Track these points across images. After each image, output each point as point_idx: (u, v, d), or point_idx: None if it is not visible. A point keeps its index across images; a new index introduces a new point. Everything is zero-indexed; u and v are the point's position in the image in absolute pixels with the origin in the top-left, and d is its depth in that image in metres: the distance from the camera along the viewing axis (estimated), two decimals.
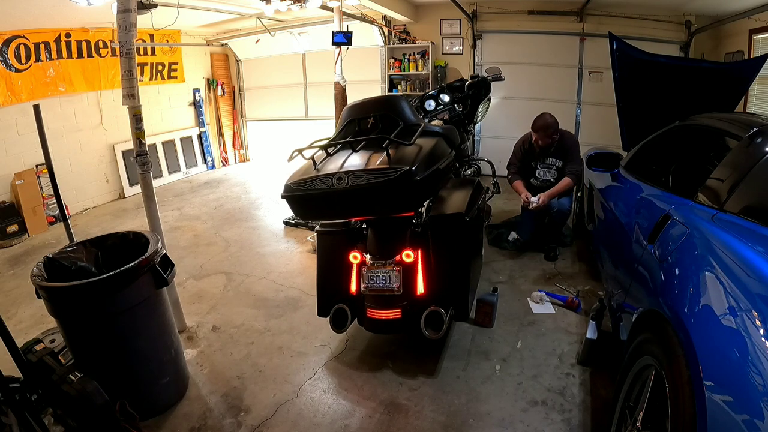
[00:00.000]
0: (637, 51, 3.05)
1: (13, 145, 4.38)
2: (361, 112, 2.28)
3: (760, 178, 1.38)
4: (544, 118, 3.29)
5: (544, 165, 3.46)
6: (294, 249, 3.75)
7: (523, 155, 3.52)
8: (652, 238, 1.62)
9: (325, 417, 1.91)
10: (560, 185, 3.29)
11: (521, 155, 3.52)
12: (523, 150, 3.51)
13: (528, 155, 3.50)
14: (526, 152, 3.50)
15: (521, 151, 3.52)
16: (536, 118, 3.33)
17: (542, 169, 3.48)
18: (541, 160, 3.46)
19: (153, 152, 5.94)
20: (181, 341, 2.26)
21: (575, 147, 3.40)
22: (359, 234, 2.21)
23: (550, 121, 3.27)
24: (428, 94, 3.48)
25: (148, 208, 2.38)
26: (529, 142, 3.46)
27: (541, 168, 3.47)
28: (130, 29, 2.18)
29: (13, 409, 1.46)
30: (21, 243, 4.20)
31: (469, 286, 2.13)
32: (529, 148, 3.47)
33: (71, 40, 4.79)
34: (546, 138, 3.29)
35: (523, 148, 3.51)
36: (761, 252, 1.09)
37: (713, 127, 2.08)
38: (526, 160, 3.52)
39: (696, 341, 1.04)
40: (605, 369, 2.10)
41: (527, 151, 3.50)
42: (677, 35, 4.99)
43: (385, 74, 6.11)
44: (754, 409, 0.85)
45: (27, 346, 1.83)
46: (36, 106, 2.42)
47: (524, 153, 3.51)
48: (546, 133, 3.28)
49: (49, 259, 1.86)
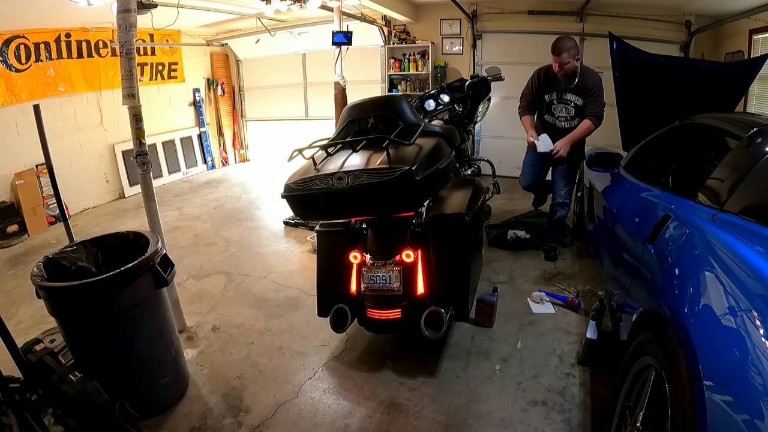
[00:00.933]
0: (637, 51, 3.04)
1: (13, 145, 4.38)
2: (361, 112, 2.28)
3: (760, 178, 1.38)
4: (563, 38, 2.87)
5: (561, 101, 3.02)
6: (294, 249, 3.75)
7: (540, 86, 3.08)
8: (652, 238, 1.62)
9: (325, 417, 1.91)
10: (580, 129, 2.92)
11: (537, 85, 3.09)
12: (539, 80, 3.07)
13: (544, 86, 3.07)
14: (542, 83, 3.07)
15: (537, 81, 3.09)
16: (555, 40, 2.91)
17: (559, 105, 3.04)
18: (558, 94, 3.02)
19: (153, 152, 5.94)
20: (181, 341, 2.26)
21: (598, 86, 2.98)
22: (359, 234, 2.21)
23: (571, 42, 2.84)
24: (428, 94, 3.48)
25: (148, 208, 2.38)
26: (545, 72, 3.04)
27: (558, 103, 3.04)
28: (130, 29, 2.18)
29: (13, 409, 1.46)
30: (21, 243, 4.20)
31: (469, 286, 2.13)
32: (545, 78, 3.05)
33: (71, 40, 4.79)
34: (568, 61, 2.84)
35: (539, 77, 3.08)
36: (761, 252, 1.09)
37: (713, 127, 2.08)
38: (540, 93, 3.08)
39: (696, 341, 1.04)
40: (605, 369, 2.10)
41: (543, 83, 3.07)
42: (677, 35, 4.99)
43: (385, 74, 6.11)
44: (754, 409, 0.85)
45: (27, 346, 1.83)
46: (36, 106, 2.42)
47: (540, 83, 3.08)
48: (569, 54, 2.83)
49: (49, 259, 1.86)
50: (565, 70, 2.88)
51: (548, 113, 3.10)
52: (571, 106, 3.00)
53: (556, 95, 3.03)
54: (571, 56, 2.86)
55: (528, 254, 3.49)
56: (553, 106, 3.06)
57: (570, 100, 3.01)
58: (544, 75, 3.06)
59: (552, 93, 3.04)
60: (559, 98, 3.03)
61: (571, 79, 2.94)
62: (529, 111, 3.11)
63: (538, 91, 3.08)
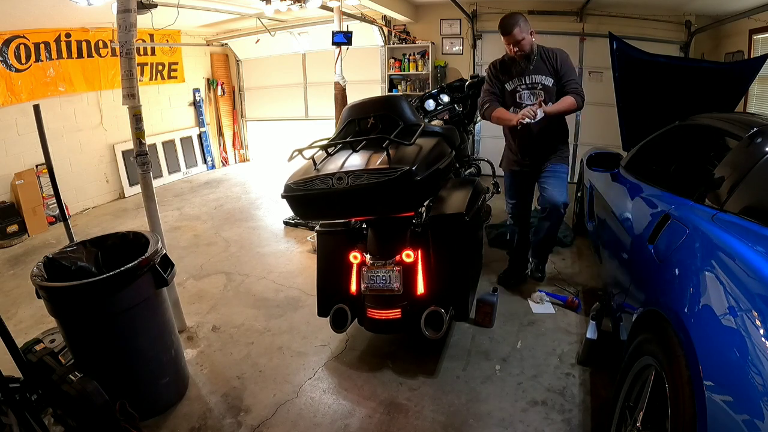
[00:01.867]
0: (637, 51, 3.05)
1: (13, 145, 4.38)
2: (361, 112, 2.28)
3: (760, 178, 1.37)
4: (508, 15, 2.55)
5: (527, 86, 2.64)
6: (294, 249, 3.75)
7: (498, 75, 2.71)
8: (652, 238, 1.62)
9: (325, 417, 1.91)
10: (561, 103, 2.56)
11: (496, 75, 2.72)
12: (497, 69, 2.72)
13: (503, 74, 2.70)
14: (500, 72, 2.71)
15: (495, 70, 2.73)
16: (501, 20, 2.56)
17: (525, 92, 2.65)
18: (521, 78, 2.64)
19: (153, 152, 5.94)
20: (181, 341, 2.26)
21: (567, 60, 2.64)
22: (359, 234, 2.21)
23: (518, 16, 2.52)
24: (428, 94, 3.48)
25: (148, 208, 2.38)
26: (500, 61, 2.71)
27: (524, 90, 2.65)
28: (130, 29, 2.18)
29: (13, 409, 1.46)
30: (21, 243, 4.19)
31: (469, 286, 2.13)
32: (501, 66, 2.71)
33: (71, 40, 4.79)
34: (522, 37, 2.49)
35: (495, 68, 2.73)
36: (761, 252, 1.09)
37: (713, 127, 2.08)
38: (501, 84, 2.71)
39: (696, 341, 1.04)
40: (605, 369, 2.10)
41: (501, 71, 2.70)
42: (677, 35, 4.99)
43: (385, 74, 6.11)
44: (754, 409, 0.85)
45: (27, 346, 1.83)
46: (36, 106, 2.42)
47: (499, 72, 2.71)
48: (521, 29, 2.48)
49: (49, 259, 1.86)
50: (522, 47, 2.52)
51: (514, 105, 2.69)
52: (539, 88, 2.61)
53: (519, 80, 2.65)
54: (524, 31, 2.50)
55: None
56: (518, 94, 2.67)
57: (537, 82, 2.61)
58: (500, 64, 2.71)
59: (513, 79, 2.66)
60: (523, 83, 2.65)
61: (531, 57, 2.60)
62: (497, 104, 2.72)
63: (500, 82, 2.71)
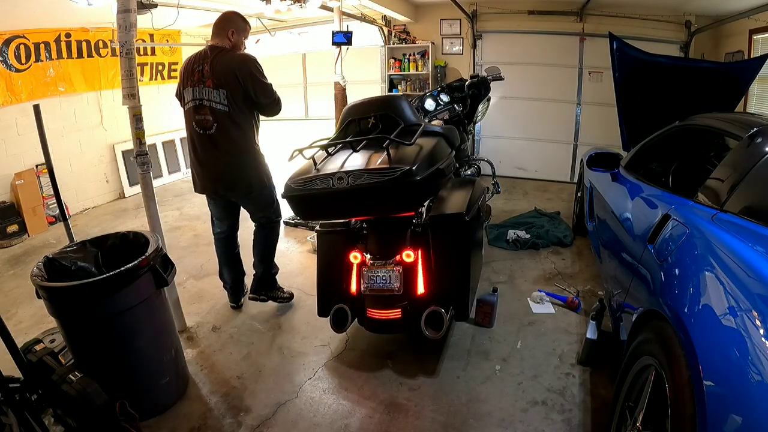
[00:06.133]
0: (637, 51, 3.05)
1: (13, 145, 4.38)
2: (362, 112, 2.28)
3: (760, 178, 1.37)
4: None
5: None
6: (294, 249, 3.75)
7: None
8: (652, 238, 1.62)
9: (325, 417, 1.91)
10: None
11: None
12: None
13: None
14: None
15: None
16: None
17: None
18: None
19: (153, 152, 5.94)
20: (181, 341, 2.26)
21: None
22: (359, 234, 2.21)
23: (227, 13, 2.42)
24: (428, 94, 3.48)
25: (148, 208, 2.38)
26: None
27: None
28: (130, 29, 2.18)
29: (13, 409, 1.46)
30: (21, 243, 4.19)
31: (469, 286, 2.13)
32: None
33: (71, 40, 4.79)
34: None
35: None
36: (761, 252, 1.09)
37: (713, 127, 2.08)
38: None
39: (696, 341, 1.04)
40: (605, 369, 2.10)
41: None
42: (677, 35, 4.99)
43: (385, 74, 6.11)
44: (755, 409, 0.85)
45: (27, 346, 1.83)
46: (36, 106, 2.42)
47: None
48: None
49: (49, 259, 1.86)
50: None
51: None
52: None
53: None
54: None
55: (528, 254, 3.49)
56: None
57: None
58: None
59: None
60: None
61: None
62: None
63: None
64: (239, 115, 2.41)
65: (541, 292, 2.80)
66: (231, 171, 2.47)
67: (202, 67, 2.36)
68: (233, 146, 2.43)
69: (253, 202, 2.61)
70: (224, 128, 2.39)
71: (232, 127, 2.40)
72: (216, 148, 2.42)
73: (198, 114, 2.39)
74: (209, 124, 2.38)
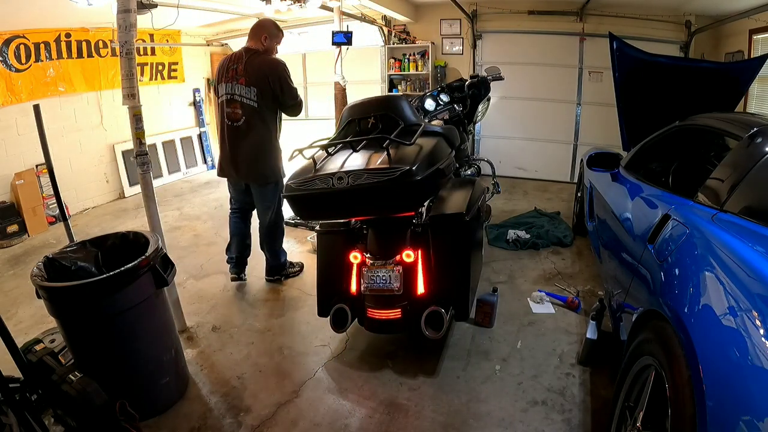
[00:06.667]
0: (637, 51, 3.05)
1: (13, 145, 4.38)
2: (362, 112, 2.29)
3: (760, 178, 1.37)
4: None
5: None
6: (294, 249, 3.75)
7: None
8: (652, 238, 1.62)
9: (325, 417, 1.91)
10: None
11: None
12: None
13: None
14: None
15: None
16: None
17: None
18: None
19: (153, 152, 5.94)
20: (181, 341, 2.26)
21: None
22: (359, 234, 2.21)
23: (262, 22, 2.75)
24: (428, 94, 3.48)
25: (148, 208, 2.38)
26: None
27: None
28: (130, 29, 2.18)
29: (13, 409, 1.46)
30: (21, 243, 4.19)
31: (469, 286, 2.13)
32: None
33: (71, 40, 4.79)
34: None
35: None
36: (761, 252, 1.09)
37: (713, 127, 2.08)
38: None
39: (696, 341, 1.04)
40: (605, 369, 2.10)
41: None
42: (677, 35, 4.99)
43: (385, 74, 6.11)
44: (755, 409, 0.85)
45: (27, 346, 1.83)
46: (36, 106, 2.42)
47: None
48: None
49: (49, 259, 1.86)
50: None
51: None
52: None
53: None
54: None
55: (528, 254, 3.49)
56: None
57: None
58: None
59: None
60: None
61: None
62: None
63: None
64: (266, 111, 2.69)
65: (541, 292, 2.80)
66: (252, 160, 2.73)
67: (237, 66, 2.65)
68: (257, 138, 2.70)
69: (263, 193, 2.85)
70: (251, 122, 2.67)
71: (258, 122, 2.68)
72: (242, 139, 2.70)
73: (229, 107, 2.68)
74: (238, 116, 2.67)
